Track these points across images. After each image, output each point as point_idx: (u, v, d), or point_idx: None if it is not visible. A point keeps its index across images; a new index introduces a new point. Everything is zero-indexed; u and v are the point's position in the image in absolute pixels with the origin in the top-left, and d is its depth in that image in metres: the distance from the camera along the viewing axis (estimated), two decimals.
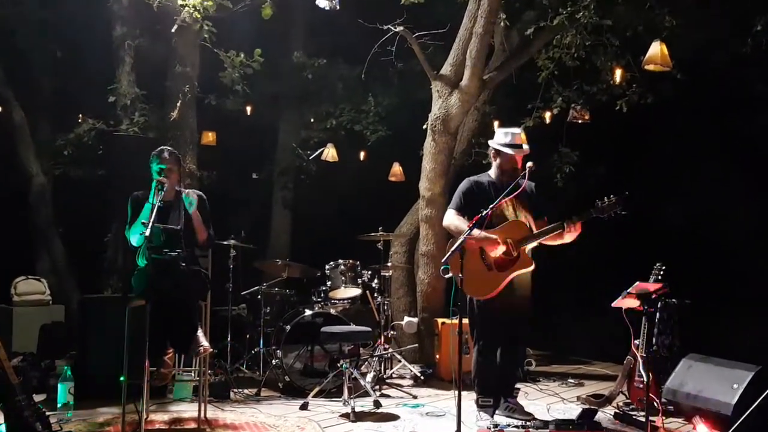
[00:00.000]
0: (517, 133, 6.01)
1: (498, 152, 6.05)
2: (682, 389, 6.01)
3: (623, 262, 8.24)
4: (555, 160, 9.55)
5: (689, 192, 9.18)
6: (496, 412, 5.90)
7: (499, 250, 5.64)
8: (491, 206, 5.42)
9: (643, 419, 5.40)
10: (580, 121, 8.93)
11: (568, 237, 5.61)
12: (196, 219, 5.78)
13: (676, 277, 6.24)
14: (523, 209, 5.91)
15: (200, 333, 5.64)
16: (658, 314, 6.64)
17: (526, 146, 5.98)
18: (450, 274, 5.39)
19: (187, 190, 6.06)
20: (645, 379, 5.57)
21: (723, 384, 5.70)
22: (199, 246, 5.97)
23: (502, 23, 8.72)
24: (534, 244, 5.73)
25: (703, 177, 9.09)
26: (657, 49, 7.06)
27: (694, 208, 9.09)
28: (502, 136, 6.04)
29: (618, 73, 8.42)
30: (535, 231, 5.73)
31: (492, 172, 6.14)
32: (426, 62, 8.45)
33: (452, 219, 6.04)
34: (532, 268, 5.73)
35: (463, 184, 6.14)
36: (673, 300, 6.89)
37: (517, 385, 7.16)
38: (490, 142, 6.18)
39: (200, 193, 6.11)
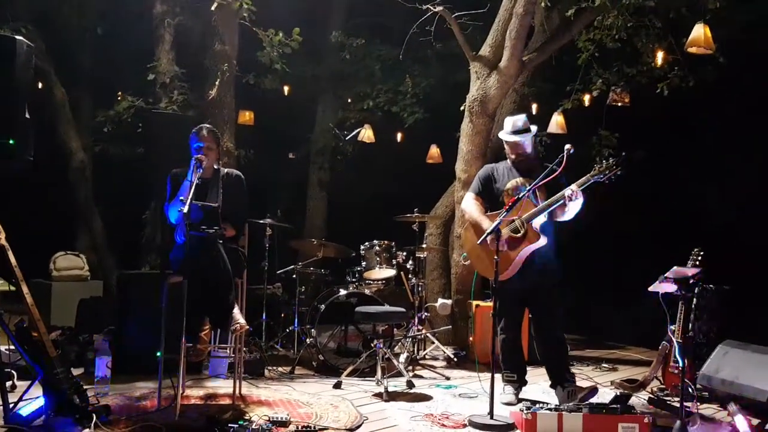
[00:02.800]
0: (517, 118, 6.07)
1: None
2: (717, 375, 5.95)
3: (661, 246, 8.16)
4: (594, 143, 9.45)
5: (731, 177, 9.06)
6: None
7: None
8: (528, 189, 5.54)
9: (677, 404, 5.37)
10: (619, 104, 8.83)
11: (573, 206, 5.61)
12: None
13: (716, 263, 6.18)
14: (542, 191, 5.85)
15: (236, 311, 5.69)
16: (695, 300, 6.58)
17: (516, 137, 6.01)
18: (468, 261, 5.93)
19: (226, 170, 6.10)
20: (680, 365, 5.52)
21: (759, 371, 5.63)
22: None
23: (542, 3, 8.60)
24: (541, 218, 5.71)
25: (746, 162, 8.97)
26: (700, 31, 6.95)
27: (735, 193, 8.98)
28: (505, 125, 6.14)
29: (659, 56, 8.31)
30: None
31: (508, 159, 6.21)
32: (465, 43, 8.39)
33: (467, 204, 6.19)
34: (541, 242, 5.71)
35: (482, 170, 6.32)
36: (711, 286, 6.82)
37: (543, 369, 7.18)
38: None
39: (239, 173, 6.14)
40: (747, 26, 8.24)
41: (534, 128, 6.09)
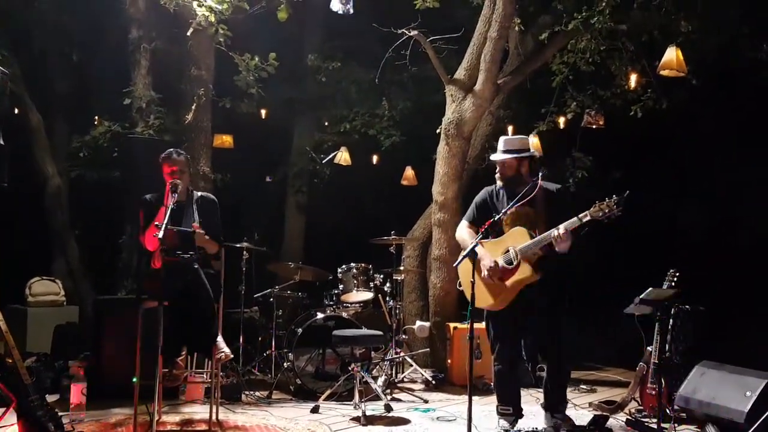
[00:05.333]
0: (508, 138, 5.81)
1: None
2: (694, 396, 5.98)
3: (637, 267, 8.21)
4: (568, 165, 9.51)
5: (705, 198, 9.14)
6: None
7: (487, 268, 5.50)
8: (501, 213, 5.42)
9: (655, 426, 5.38)
10: (594, 126, 8.89)
11: (560, 247, 5.32)
12: (201, 238, 5.74)
13: (691, 284, 6.19)
14: (540, 216, 5.57)
15: (220, 339, 5.69)
16: (671, 321, 6.61)
17: (502, 155, 5.70)
18: (461, 288, 5.64)
19: (200, 193, 6.09)
20: (657, 386, 5.55)
21: (736, 391, 5.67)
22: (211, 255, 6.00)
23: (516, 28, 8.71)
24: (536, 251, 5.40)
25: (719, 183, 9.05)
26: (672, 54, 7.02)
27: (709, 214, 9.05)
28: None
29: (633, 78, 8.40)
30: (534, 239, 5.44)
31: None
32: (440, 66, 8.46)
33: (460, 232, 5.95)
34: (531, 277, 5.41)
35: (479, 195, 5.96)
36: (687, 306, 6.86)
37: (530, 391, 7.16)
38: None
39: (213, 197, 6.14)
40: (719, 48, 8.34)
41: (532, 151, 5.75)
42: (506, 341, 5.76)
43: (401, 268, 8.32)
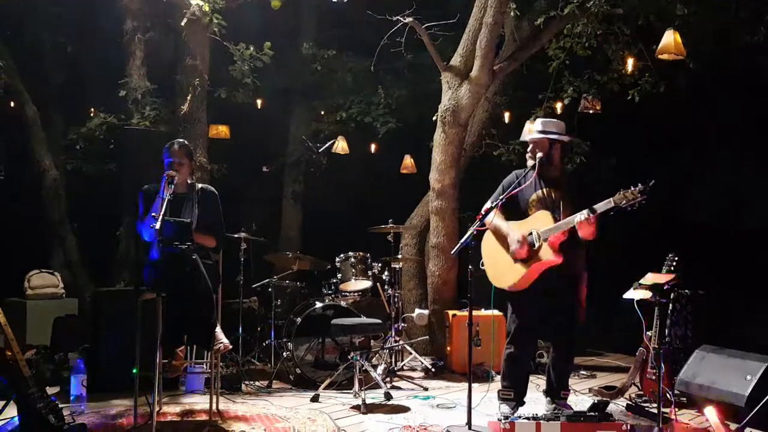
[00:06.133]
0: (546, 120, 5.84)
1: None
2: (694, 380, 5.99)
3: (636, 252, 8.20)
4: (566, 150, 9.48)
5: (704, 182, 9.13)
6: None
7: (515, 246, 5.53)
8: (499, 200, 5.40)
9: (655, 411, 5.38)
10: (591, 111, 8.87)
11: (583, 233, 5.31)
12: (198, 237, 5.70)
13: (691, 268, 6.18)
14: (564, 200, 5.58)
15: (219, 330, 5.68)
16: (671, 305, 6.60)
17: (529, 136, 5.77)
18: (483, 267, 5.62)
19: (200, 185, 6.08)
20: (658, 371, 5.54)
21: (736, 375, 5.68)
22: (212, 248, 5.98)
23: (512, 13, 8.66)
24: (558, 236, 5.37)
25: (717, 167, 9.04)
26: (670, 38, 6.98)
27: (708, 198, 9.05)
28: None
29: (630, 63, 8.36)
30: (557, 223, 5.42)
31: None
32: (436, 53, 8.42)
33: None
34: (553, 261, 5.36)
35: (508, 177, 5.89)
36: (686, 291, 6.85)
37: (530, 377, 7.14)
38: None
39: (213, 189, 6.12)
40: (716, 33, 8.31)
41: (558, 136, 5.71)
42: (524, 324, 5.74)
43: (399, 256, 8.31)
